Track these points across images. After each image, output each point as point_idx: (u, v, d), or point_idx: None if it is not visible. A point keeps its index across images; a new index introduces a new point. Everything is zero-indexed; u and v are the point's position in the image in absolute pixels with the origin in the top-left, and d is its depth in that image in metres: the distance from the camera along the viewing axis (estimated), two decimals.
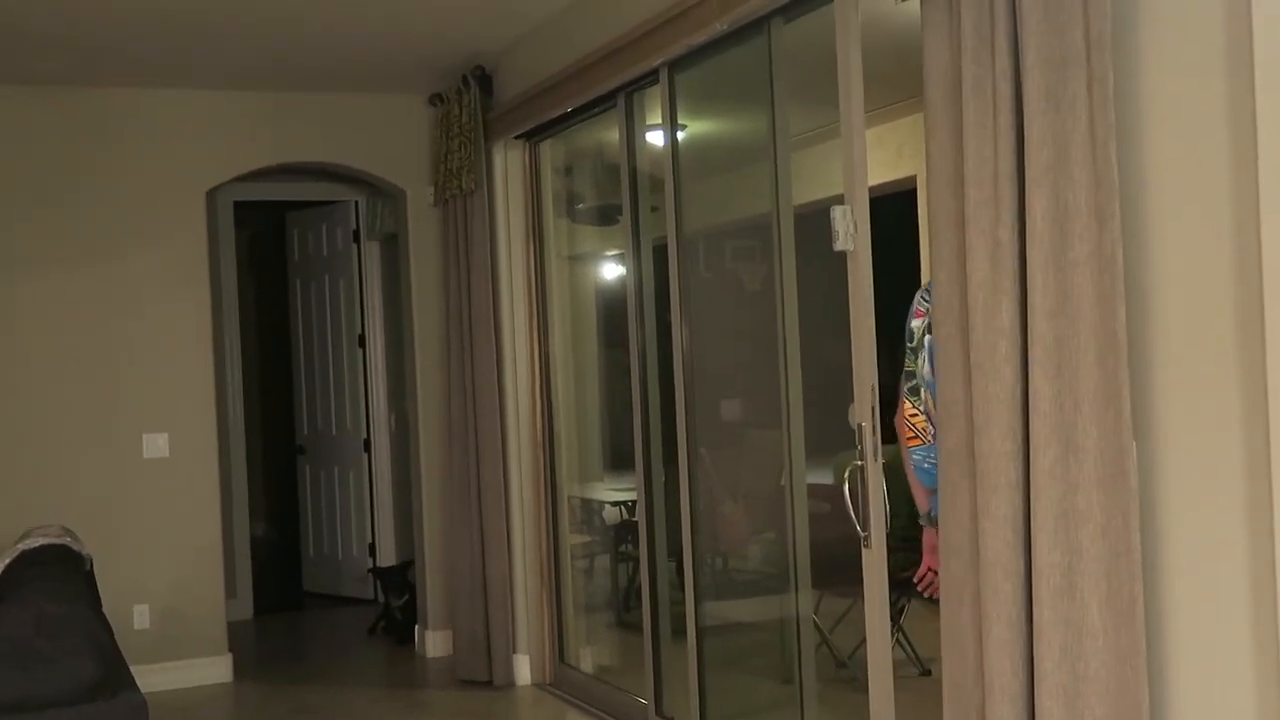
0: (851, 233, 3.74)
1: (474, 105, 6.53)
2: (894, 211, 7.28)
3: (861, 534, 3.80)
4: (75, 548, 5.01)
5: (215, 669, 6.97)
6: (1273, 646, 2.53)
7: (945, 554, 3.17)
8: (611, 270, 7.81)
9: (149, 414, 6.89)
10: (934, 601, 3.39)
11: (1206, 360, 2.68)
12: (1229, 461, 2.64)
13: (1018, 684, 2.96)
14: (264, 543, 10.18)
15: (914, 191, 7.38)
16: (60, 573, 4.49)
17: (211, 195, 7.23)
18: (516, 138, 6.55)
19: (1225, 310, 2.63)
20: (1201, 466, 2.72)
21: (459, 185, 6.60)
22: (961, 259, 3.04)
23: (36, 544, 4.88)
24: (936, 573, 3.41)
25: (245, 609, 8.55)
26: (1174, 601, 2.80)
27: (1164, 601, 2.82)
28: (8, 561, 4.73)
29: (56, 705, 3.70)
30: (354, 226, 8.77)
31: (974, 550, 3.05)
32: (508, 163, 6.66)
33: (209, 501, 6.99)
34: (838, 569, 5.31)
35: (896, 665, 4.08)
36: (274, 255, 9.79)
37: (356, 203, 8.70)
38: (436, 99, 6.92)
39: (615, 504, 7.70)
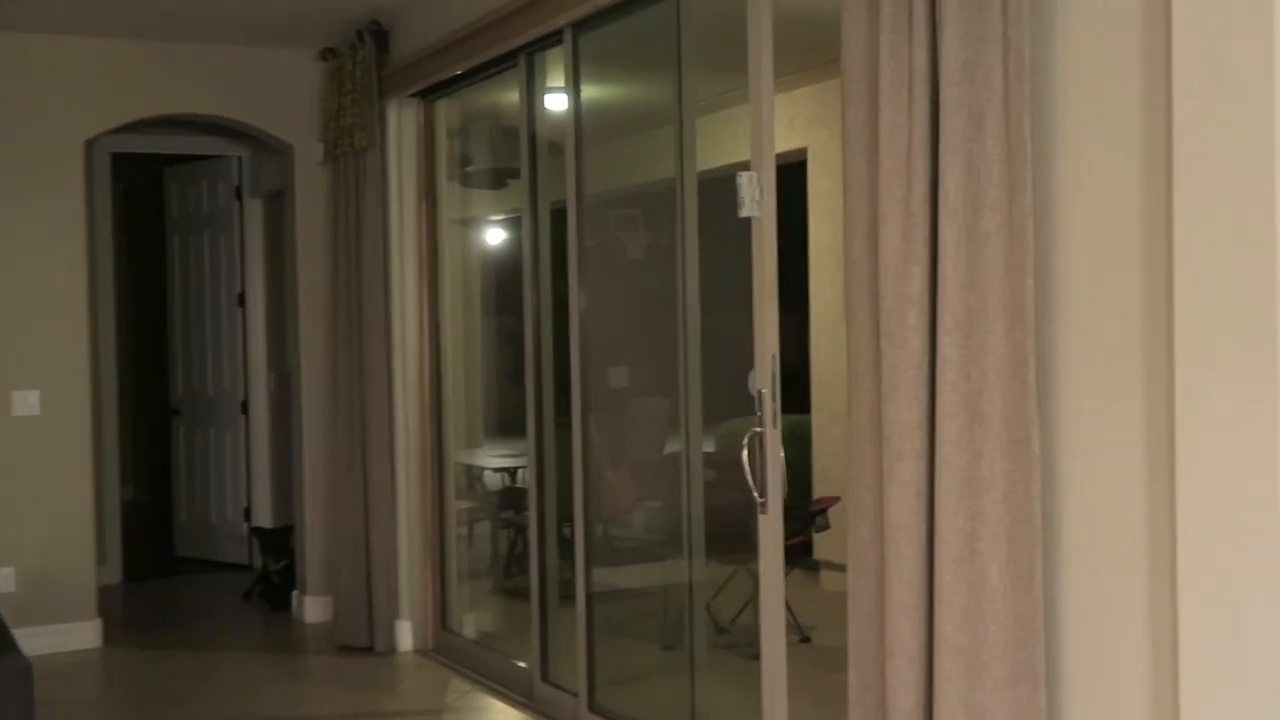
0: (757, 199, 3.76)
1: (369, 61, 6.42)
2: (785, 182, 7.33)
3: (759, 500, 3.83)
4: None
5: (84, 634, 6.80)
6: (1167, 611, 2.60)
7: (853, 518, 3.20)
8: (501, 235, 7.77)
9: (19, 370, 6.67)
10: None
11: (1112, 333, 2.74)
12: (1131, 433, 2.71)
13: (917, 646, 3.01)
14: (135, 506, 9.94)
15: (804, 164, 7.43)
16: None
17: (89, 146, 7.01)
18: (412, 96, 6.45)
19: (1132, 284, 2.69)
20: (1104, 437, 2.78)
21: (351, 143, 6.48)
22: (874, 228, 3.07)
23: None
24: None
25: (115, 573, 8.35)
26: (1072, 568, 2.87)
27: (1062, 567, 2.88)
28: None
29: None
30: (236, 183, 8.58)
31: (879, 515, 3.09)
32: (402, 122, 6.56)
33: (80, 461, 6.80)
34: (721, 538, 5.36)
35: None
36: (151, 210, 9.53)
37: (240, 158, 8.51)
38: (329, 53, 6.78)
39: (498, 470, 7.68)
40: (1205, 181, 2.43)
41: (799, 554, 6.99)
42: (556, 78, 5.35)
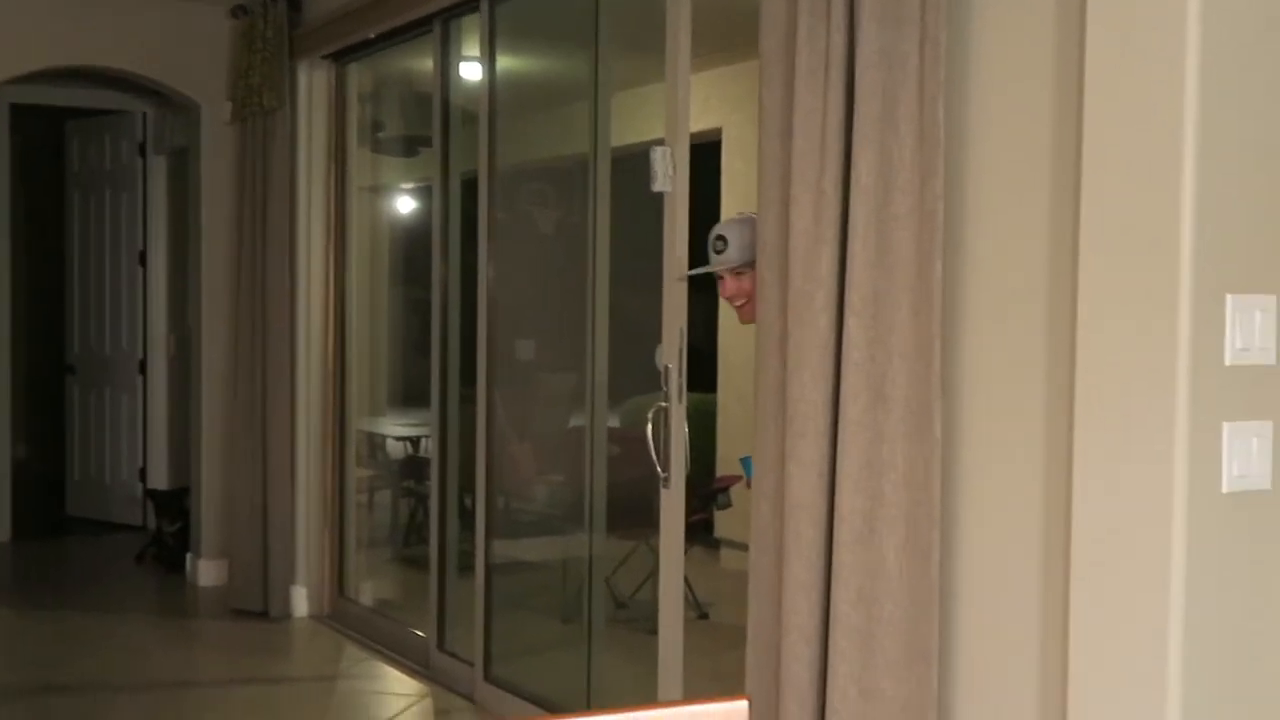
0: (670, 174, 3.76)
1: (280, 20, 6.32)
2: (699, 162, 7.35)
3: (661, 474, 3.85)
4: None
5: None
6: (1060, 597, 2.65)
7: (756, 496, 3.22)
8: (411, 203, 7.69)
9: None
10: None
11: (1017, 320, 2.79)
12: (1032, 420, 2.75)
13: (814, 624, 3.04)
14: (26, 464, 9.73)
15: (719, 144, 7.46)
16: None
17: None
18: (324, 58, 6.36)
19: (1039, 272, 2.73)
20: (1005, 423, 2.83)
21: (259, 103, 6.38)
22: (786, 208, 3.08)
23: None
24: None
25: (3, 531, 8.17)
26: (969, 550, 2.91)
27: (959, 550, 2.93)
28: None
29: None
30: (140, 139, 8.41)
31: (780, 494, 3.11)
32: (312, 83, 6.46)
33: None
34: (622, 513, 5.38)
35: None
36: (52, 165, 9.30)
37: (145, 114, 8.34)
38: (239, 10, 6.65)
39: (401, 439, 7.63)
40: (1113, 170, 2.47)
41: (700, 531, 7.04)
42: (472, 46, 5.31)
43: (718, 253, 3.63)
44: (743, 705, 1.39)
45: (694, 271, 3.73)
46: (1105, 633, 2.50)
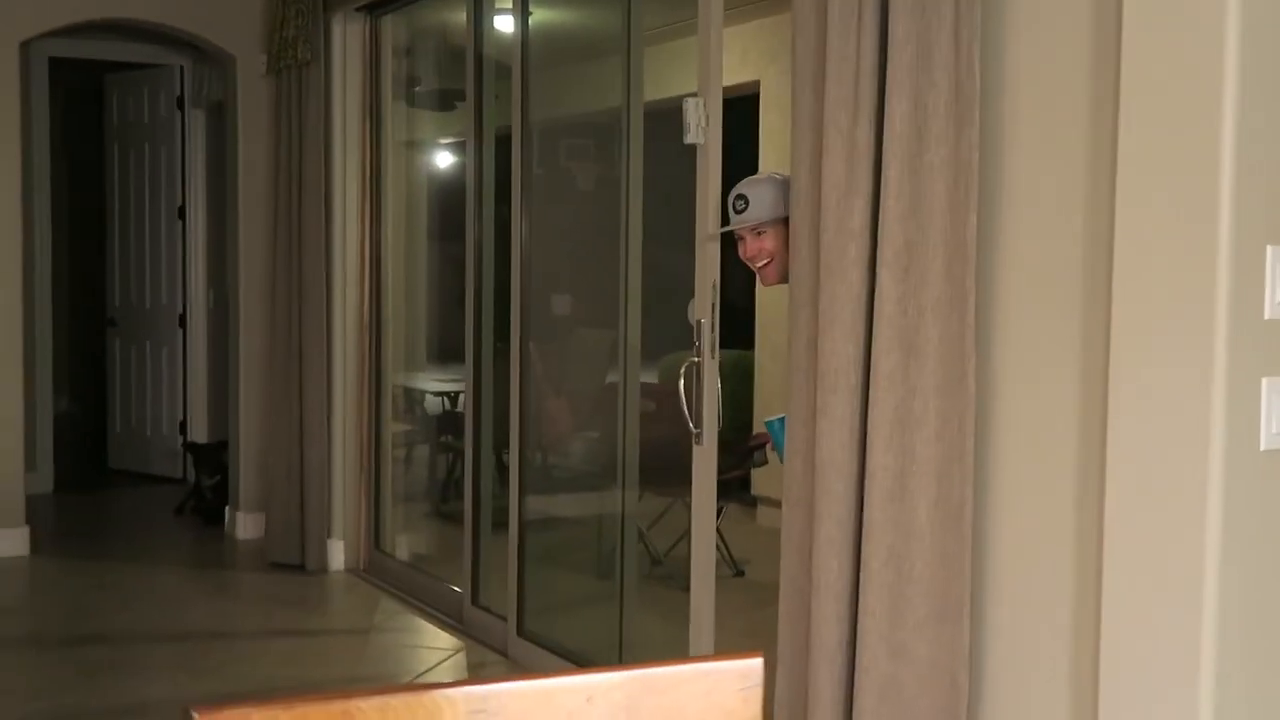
0: (703, 125, 3.70)
1: None
2: (736, 115, 7.28)
3: (694, 431, 3.81)
4: None
5: (10, 542, 6.71)
6: (1094, 553, 2.60)
7: (788, 453, 3.18)
8: (448, 158, 7.66)
9: None
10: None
11: (1052, 273, 2.72)
12: (1067, 374, 2.69)
13: (843, 582, 3.00)
14: (68, 416, 9.82)
15: (757, 96, 7.37)
16: None
17: (25, 49, 6.83)
18: (358, 10, 6.32)
19: (1075, 222, 2.66)
20: (1040, 377, 2.77)
21: (294, 55, 6.34)
22: (818, 159, 3.02)
23: None
24: None
25: (46, 483, 8.24)
26: (1001, 507, 2.86)
27: (991, 507, 2.88)
28: None
29: None
30: (179, 93, 8.41)
31: (811, 450, 3.07)
32: (347, 36, 6.42)
33: (10, 369, 6.68)
34: (659, 469, 5.35)
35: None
36: (93, 118, 9.33)
37: (182, 67, 8.33)
38: None
39: (438, 394, 7.63)
40: (1151, 120, 2.40)
41: (736, 488, 7.01)
42: None
43: (738, 212, 3.59)
44: (757, 662, 1.36)
45: (725, 229, 3.68)
46: (1139, 593, 2.45)
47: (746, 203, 3.55)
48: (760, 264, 3.60)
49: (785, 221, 3.37)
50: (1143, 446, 2.42)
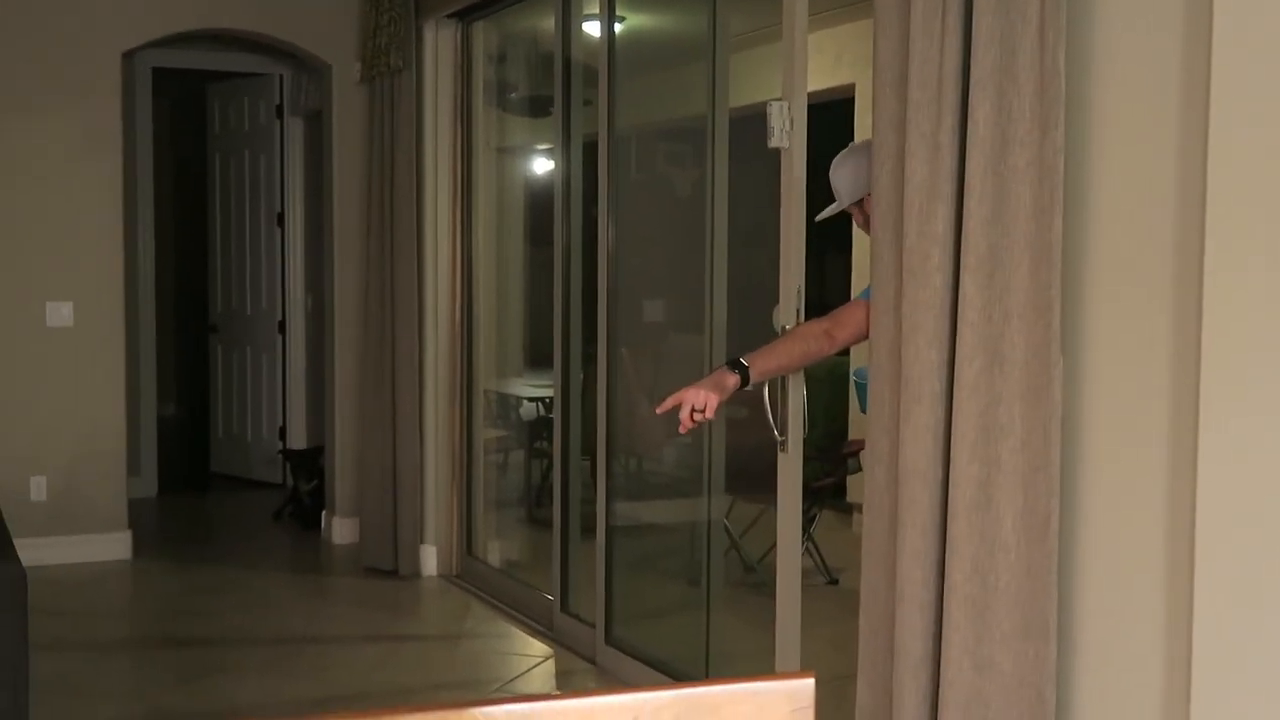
0: (787, 129, 3.66)
1: None
2: (830, 120, 7.20)
3: (779, 438, 3.76)
4: None
5: (114, 545, 6.84)
6: (1185, 567, 2.51)
7: (869, 461, 3.13)
8: (541, 164, 7.68)
9: (53, 281, 6.67)
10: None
11: (1140, 278, 2.64)
12: (1155, 382, 2.61)
13: (928, 594, 2.94)
14: (172, 421, 10.01)
15: (852, 100, 7.28)
16: None
17: (129, 59, 6.97)
18: (449, 17, 6.35)
19: (1164, 227, 2.58)
20: (1127, 385, 2.68)
21: (386, 63, 6.39)
22: (901, 162, 2.97)
23: None
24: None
25: (149, 487, 8.40)
26: (1089, 519, 2.78)
27: (1078, 519, 2.80)
28: None
29: None
30: (278, 101, 8.53)
31: (894, 459, 3.01)
32: (438, 43, 6.46)
33: (114, 374, 6.81)
34: (751, 475, 5.30)
35: (805, 573, 4.07)
36: (195, 127, 9.50)
37: (281, 76, 8.45)
38: None
39: (533, 400, 7.64)
40: (1244, 120, 2.31)
41: (830, 496, 6.93)
42: (593, 4, 5.24)
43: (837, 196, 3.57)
44: (808, 683, 1.32)
45: (821, 216, 3.63)
46: (1232, 611, 2.36)
47: (837, 186, 3.55)
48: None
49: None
50: (1236, 458, 2.34)
